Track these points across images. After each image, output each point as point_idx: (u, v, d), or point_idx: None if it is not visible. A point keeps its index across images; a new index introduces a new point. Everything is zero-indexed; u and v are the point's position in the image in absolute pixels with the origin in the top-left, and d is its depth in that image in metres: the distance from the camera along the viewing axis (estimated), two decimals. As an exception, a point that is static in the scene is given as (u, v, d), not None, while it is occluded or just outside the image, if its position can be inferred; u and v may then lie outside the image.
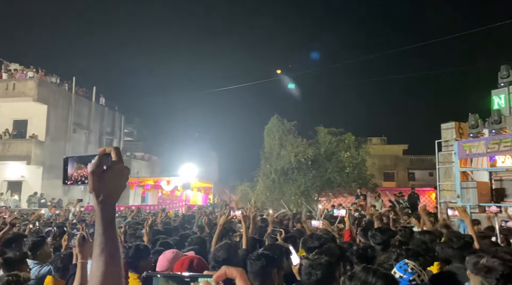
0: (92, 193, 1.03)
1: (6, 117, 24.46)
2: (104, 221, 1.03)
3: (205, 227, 6.98)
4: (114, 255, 1.02)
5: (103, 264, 1.00)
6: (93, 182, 1.02)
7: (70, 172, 1.14)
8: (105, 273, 0.99)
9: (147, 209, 19.55)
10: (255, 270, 2.68)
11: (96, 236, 1.03)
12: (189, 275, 0.75)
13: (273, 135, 21.37)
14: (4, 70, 25.24)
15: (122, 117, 32.47)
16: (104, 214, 1.03)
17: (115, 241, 1.04)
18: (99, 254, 1.01)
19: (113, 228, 1.04)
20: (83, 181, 1.12)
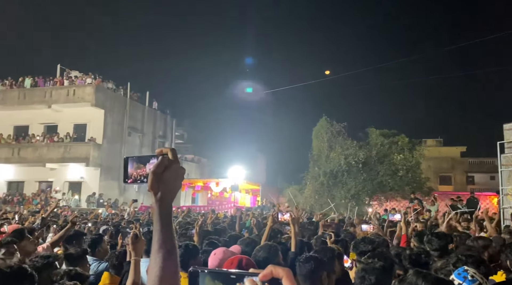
0: (151, 191, 1.07)
1: (67, 121, 26.07)
2: (162, 218, 1.07)
3: (254, 229, 7.00)
4: (171, 250, 1.06)
5: (161, 259, 1.04)
6: (153, 181, 1.06)
7: (130, 171, 1.18)
8: (162, 268, 1.03)
9: (197, 210, 19.99)
10: (304, 272, 2.64)
11: (155, 232, 1.08)
12: (235, 272, 0.75)
13: (322, 137, 21.06)
14: (65, 77, 26.93)
15: (173, 120, 33.52)
16: (162, 211, 1.07)
17: (172, 237, 1.08)
18: (157, 249, 1.05)
19: (170, 224, 1.08)
20: (142, 180, 1.16)
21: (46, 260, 2.84)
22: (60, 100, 25.66)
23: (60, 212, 14.17)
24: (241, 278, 0.73)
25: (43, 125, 26.74)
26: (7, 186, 26.31)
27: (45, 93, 26.00)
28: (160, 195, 1.07)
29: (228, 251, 3.43)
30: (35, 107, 25.99)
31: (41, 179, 25.89)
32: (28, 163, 25.20)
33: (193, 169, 33.01)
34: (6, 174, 26.29)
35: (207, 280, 0.76)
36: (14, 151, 25.44)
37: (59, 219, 9.49)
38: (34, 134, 26.11)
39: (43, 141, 25.46)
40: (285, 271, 0.72)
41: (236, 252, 3.65)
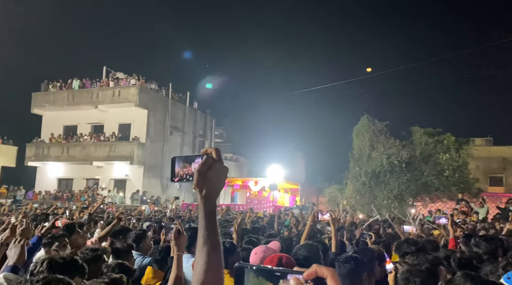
0: (196, 189, 1.12)
1: (112, 121, 27.14)
2: (207, 215, 1.12)
3: (293, 228, 6.98)
4: (215, 246, 1.10)
5: (206, 254, 1.08)
6: (198, 179, 1.11)
7: (177, 170, 1.23)
8: (207, 263, 1.07)
9: (236, 208, 20.17)
10: (343, 272, 2.62)
11: (200, 228, 1.12)
12: (280, 269, 0.75)
13: (363, 136, 20.64)
14: (111, 79, 28.04)
15: (213, 120, 34.04)
16: (207, 208, 1.12)
17: (216, 233, 1.12)
18: (202, 245, 1.10)
19: (214, 221, 1.12)
20: (188, 178, 1.21)
21: (95, 253, 2.97)
22: (106, 101, 26.75)
23: (106, 208, 14.76)
24: (285, 276, 0.73)
25: (90, 125, 28.00)
26: (57, 183, 27.78)
27: (92, 95, 27.20)
28: (205, 193, 1.12)
29: (269, 249, 3.44)
30: (83, 108, 27.25)
31: (89, 177, 27.11)
32: (76, 161, 26.47)
33: (232, 167, 33.37)
34: (57, 171, 27.76)
35: (251, 276, 0.76)
36: (64, 150, 26.80)
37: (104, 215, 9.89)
38: (82, 133, 27.39)
39: (90, 141, 26.64)
40: (330, 270, 0.72)
41: (275, 248, 3.65)
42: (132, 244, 4.27)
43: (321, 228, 7.55)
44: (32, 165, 27.69)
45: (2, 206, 13.25)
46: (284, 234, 6.32)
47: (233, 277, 0.83)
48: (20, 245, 2.63)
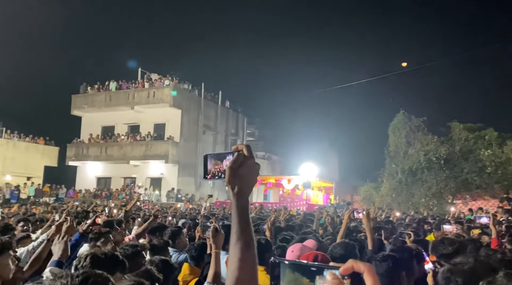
0: (228, 186, 1.12)
1: (148, 121, 27.83)
2: (239, 211, 1.11)
3: (328, 227, 6.90)
4: (249, 242, 1.10)
5: (239, 251, 1.08)
6: (230, 176, 1.11)
7: (209, 167, 1.23)
8: (241, 259, 1.08)
9: (269, 206, 20.19)
10: (381, 271, 2.57)
11: (233, 225, 1.12)
12: (315, 264, 0.74)
13: (399, 132, 20.14)
14: (146, 80, 28.75)
15: (245, 118, 34.21)
16: (239, 204, 1.12)
17: (249, 230, 1.11)
18: (236, 242, 1.10)
19: (247, 217, 1.12)
20: (220, 175, 1.20)
21: (134, 249, 3.05)
22: (142, 101, 27.46)
23: (142, 206, 15.16)
24: (321, 271, 0.72)
25: (127, 125, 28.85)
26: (96, 181, 28.80)
27: (128, 96, 28.00)
28: (237, 189, 1.11)
29: (305, 247, 3.41)
30: (120, 108, 28.09)
31: (126, 175, 27.95)
32: (114, 160, 27.33)
33: (264, 166, 33.41)
34: (96, 170, 28.78)
35: (287, 271, 0.76)
36: (102, 149, 27.75)
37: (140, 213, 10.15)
38: (119, 134, 28.26)
39: (127, 140, 27.44)
40: (366, 266, 0.70)
41: (311, 247, 3.63)
42: (168, 240, 4.35)
43: (357, 226, 7.42)
44: (72, 164, 28.84)
45: (48, 205, 13.86)
46: (319, 233, 6.26)
47: (269, 274, 0.83)
48: (63, 241, 2.74)
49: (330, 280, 0.70)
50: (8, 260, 2.67)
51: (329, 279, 0.70)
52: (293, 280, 0.75)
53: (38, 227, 5.62)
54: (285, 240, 4.65)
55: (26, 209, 10.83)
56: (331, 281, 0.70)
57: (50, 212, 9.93)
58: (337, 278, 0.70)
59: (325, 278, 0.71)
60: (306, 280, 0.74)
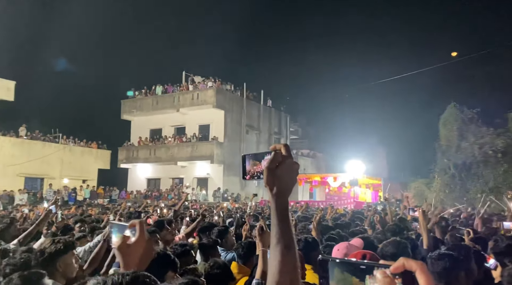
0: (267, 186, 1.09)
1: (193, 123, 28.49)
2: (279, 213, 1.08)
3: (377, 225, 6.70)
4: (289, 245, 1.06)
5: (279, 254, 1.05)
6: (268, 176, 1.08)
7: (247, 168, 1.22)
8: (281, 262, 1.04)
9: (315, 205, 19.98)
10: (437, 270, 2.46)
11: (272, 227, 1.09)
12: (365, 262, 0.72)
13: (451, 125, 19.21)
14: (190, 82, 29.44)
15: (288, 117, 34.09)
16: (278, 206, 1.08)
17: (289, 232, 1.07)
18: (276, 244, 1.06)
19: (287, 219, 1.08)
20: (259, 176, 1.19)
21: (183, 248, 3.12)
22: (186, 104, 28.15)
23: (190, 205, 15.52)
24: (371, 270, 0.69)
25: (173, 127, 29.70)
26: (146, 182, 29.89)
27: (173, 99, 28.83)
28: (276, 190, 1.08)
29: (352, 246, 3.35)
30: (166, 111, 28.97)
31: (174, 176, 28.77)
32: (162, 162, 28.23)
33: (309, 164, 33.13)
34: (146, 172, 29.88)
35: (336, 270, 0.74)
36: (151, 151, 28.76)
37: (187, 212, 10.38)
38: (166, 136, 29.16)
39: (174, 142, 28.24)
40: (418, 264, 0.67)
41: (358, 245, 3.54)
42: (217, 239, 4.40)
43: (407, 224, 7.15)
44: (124, 166, 30.14)
45: (102, 206, 14.53)
46: (368, 232, 6.09)
47: (317, 272, 0.81)
48: None
49: (380, 278, 0.67)
50: (72, 259, 2.82)
51: (380, 277, 0.68)
52: (342, 280, 0.73)
53: (95, 228, 5.90)
54: (333, 239, 4.57)
55: (83, 211, 11.44)
56: (382, 280, 0.67)
57: (104, 213, 10.41)
58: (388, 277, 0.67)
59: (375, 277, 0.68)
60: (356, 279, 0.71)
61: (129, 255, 1.20)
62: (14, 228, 4.77)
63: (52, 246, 2.75)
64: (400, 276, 0.67)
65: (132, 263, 1.20)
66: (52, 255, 2.72)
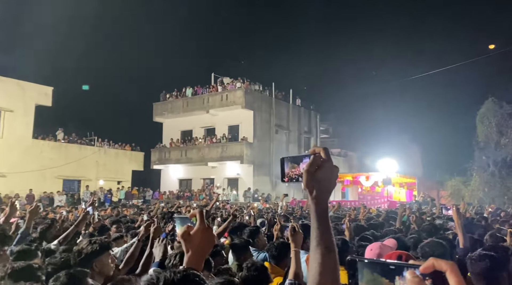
0: (306, 189, 1.11)
1: (222, 124, 28.75)
2: (318, 215, 1.09)
3: (413, 225, 6.53)
4: (329, 247, 1.07)
5: (320, 256, 1.06)
6: (307, 179, 1.10)
7: (286, 170, 1.23)
8: (322, 264, 1.06)
9: (348, 205, 19.70)
10: (477, 271, 2.38)
11: (312, 229, 1.10)
12: (394, 263, 0.71)
13: (489, 121, 18.46)
14: (219, 84, 29.72)
15: (317, 115, 33.78)
16: (318, 208, 1.10)
17: (329, 234, 1.09)
18: (316, 246, 1.08)
19: (326, 221, 1.10)
20: (297, 178, 1.20)
21: (215, 248, 3.15)
22: (216, 105, 28.44)
23: (221, 205, 15.66)
24: (401, 271, 0.68)
25: (203, 128, 30.08)
26: (178, 183, 30.42)
27: (203, 100, 29.20)
28: (315, 193, 1.10)
29: (385, 246, 3.29)
30: (196, 113, 29.39)
31: (205, 176, 29.14)
32: (193, 163, 28.65)
33: (340, 163, 32.64)
34: (177, 173, 30.42)
35: (365, 272, 0.73)
36: (182, 153, 29.24)
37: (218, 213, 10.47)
38: (197, 137, 29.57)
39: (204, 143, 28.59)
40: (449, 264, 0.64)
41: (392, 246, 3.47)
42: (249, 239, 4.42)
43: (443, 224, 6.93)
44: (156, 168, 30.81)
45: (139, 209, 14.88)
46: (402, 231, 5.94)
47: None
48: (163, 243, 2.93)
49: (410, 279, 0.66)
50: (108, 259, 2.92)
51: (409, 277, 0.66)
52: (371, 280, 0.72)
53: (130, 228, 6.05)
54: (366, 239, 4.49)
55: (118, 211, 11.76)
56: (411, 280, 0.65)
57: (139, 214, 10.67)
58: (417, 277, 0.65)
59: (405, 278, 0.67)
60: (386, 280, 0.70)
61: (192, 243, 1.27)
62: (55, 228, 4.97)
63: (89, 247, 2.85)
64: (430, 277, 0.65)
65: (195, 250, 1.28)
66: (88, 255, 2.82)
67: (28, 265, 2.32)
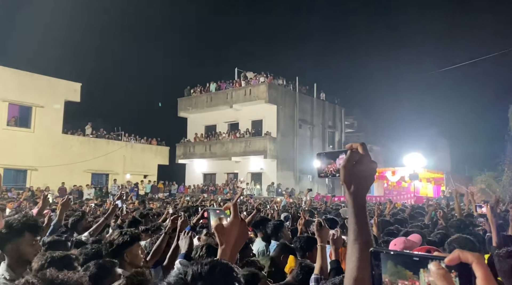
0: (343, 184, 1.11)
1: (246, 118, 28.81)
2: (356, 211, 1.10)
3: (440, 220, 6.40)
4: (367, 241, 1.08)
5: (358, 251, 1.07)
6: (345, 175, 1.10)
7: (322, 166, 1.24)
8: (360, 259, 1.06)
9: (373, 200, 19.44)
10: (504, 268, 2.30)
11: (349, 224, 1.12)
12: (419, 254, 0.70)
13: (521, 115, 17.78)
14: (242, 78, 29.75)
15: (342, 109, 33.36)
16: (356, 204, 1.10)
17: (367, 229, 1.10)
18: (353, 240, 1.09)
19: (364, 217, 1.10)
20: (334, 174, 1.21)
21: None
22: (239, 100, 28.52)
23: (246, 200, 15.75)
24: (425, 263, 0.67)
25: (227, 123, 30.25)
26: (203, 177, 30.76)
27: (227, 95, 29.33)
28: (353, 189, 1.10)
29: (409, 241, 3.27)
30: (220, 108, 29.57)
31: (228, 171, 29.34)
32: (217, 157, 28.89)
33: (365, 157, 32.06)
34: (202, 167, 30.75)
35: (389, 264, 0.73)
36: (206, 147, 29.53)
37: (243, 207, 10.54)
38: (220, 132, 29.77)
39: (228, 138, 28.77)
40: (475, 256, 0.63)
41: (416, 241, 3.43)
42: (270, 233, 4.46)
43: (473, 220, 6.75)
44: (181, 162, 31.23)
45: (165, 202, 15.14)
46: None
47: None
48: (188, 236, 2.99)
49: (434, 270, 0.64)
50: (138, 250, 3.01)
51: (434, 269, 0.64)
52: (395, 273, 0.72)
53: (156, 221, 6.18)
54: (391, 234, 4.45)
55: (145, 204, 12.01)
56: (436, 272, 0.64)
57: (165, 207, 10.86)
58: (442, 268, 0.64)
59: (429, 270, 0.66)
60: (409, 272, 0.69)
61: (226, 235, 1.30)
62: (85, 221, 5.13)
63: (120, 238, 2.95)
64: (455, 269, 0.64)
65: (229, 242, 1.30)
66: (120, 246, 2.91)
67: (66, 254, 2.42)
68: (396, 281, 0.71)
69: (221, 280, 1.00)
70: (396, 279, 0.71)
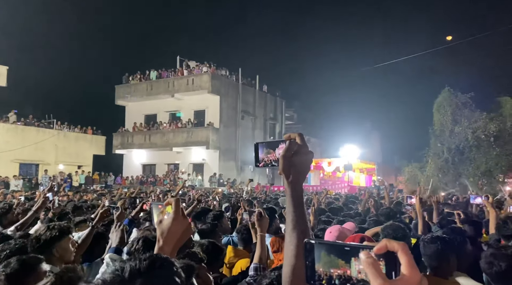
0: (282, 174, 1.12)
1: (188, 108, 28.34)
2: (294, 200, 1.12)
3: (371, 209, 6.80)
4: (304, 230, 1.11)
5: (296, 239, 1.10)
6: (284, 164, 1.11)
7: (261, 156, 1.24)
8: (298, 246, 1.09)
9: (310, 189, 20.12)
10: (429, 253, 2.52)
11: (287, 213, 1.14)
12: (350, 244, 0.73)
13: (445, 110, 19.23)
14: (184, 67, 29.16)
15: (283, 102, 33.98)
16: (294, 193, 1.12)
17: (304, 218, 1.12)
18: (292, 229, 1.11)
19: (302, 205, 1.13)
20: (272, 164, 1.21)
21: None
22: (181, 89, 27.95)
23: (187, 191, 15.57)
24: (356, 252, 0.70)
25: (168, 113, 29.55)
26: (142, 168, 29.88)
27: (168, 84, 28.58)
28: (292, 178, 1.11)
29: (344, 229, 3.39)
30: (161, 97, 28.76)
31: (169, 162, 28.76)
32: (157, 148, 28.17)
33: (304, 149, 33.01)
34: (141, 158, 29.83)
35: (322, 254, 0.75)
36: (146, 137, 28.66)
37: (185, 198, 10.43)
38: (161, 121, 29.02)
39: (169, 128, 28.13)
40: (400, 244, 0.67)
41: (350, 229, 3.60)
42: (216, 223, 4.47)
43: (400, 208, 7.25)
44: (119, 152, 30.04)
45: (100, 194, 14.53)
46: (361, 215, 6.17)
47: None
48: (120, 229, 2.89)
49: (364, 259, 0.67)
50: (68, 244, 2.85)
51: (363, 258, 0.68)
52: (328, 262, 0.74)
53: (90, 213, 5.92)
54: (326, 222, 4.64)
55: (80, 196, 11.45)
56: (366, 261, 0.67)
57: (99, 199, 10.44)
58: (371, 257, 0.67)
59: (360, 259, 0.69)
60: (342, 261, 0.72)
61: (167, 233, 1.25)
62: (12, 214, 4.78)
63: (48, 232, 2.78)
64: (383, 257, 0.67)
65: (170, 239, 1.25)
66: (47, 241, 2.74)
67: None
68: (328, 269, 0.74)
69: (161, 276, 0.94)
70: (329, 267, 0.74)
